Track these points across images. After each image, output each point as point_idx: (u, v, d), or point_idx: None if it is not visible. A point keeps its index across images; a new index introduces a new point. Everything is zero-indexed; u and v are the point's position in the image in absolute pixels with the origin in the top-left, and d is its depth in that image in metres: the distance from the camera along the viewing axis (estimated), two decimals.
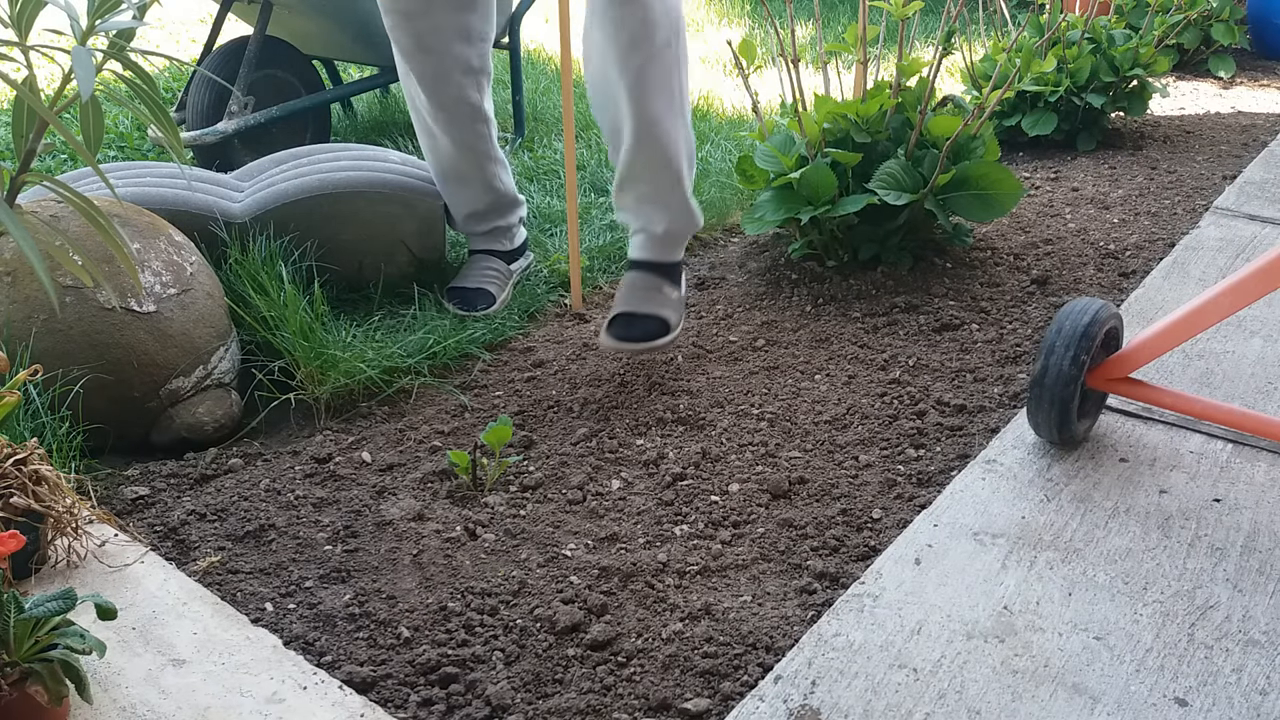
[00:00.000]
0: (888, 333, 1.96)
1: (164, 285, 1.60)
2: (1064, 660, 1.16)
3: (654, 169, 1.75)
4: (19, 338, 1.50)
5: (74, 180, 1.85)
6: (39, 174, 0.97)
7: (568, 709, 1.12)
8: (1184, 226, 2.40)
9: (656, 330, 1.74)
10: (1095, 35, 3.02)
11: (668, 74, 1.66)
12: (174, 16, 4.87)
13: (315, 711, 1.09)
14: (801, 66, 2.34)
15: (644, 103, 1.67)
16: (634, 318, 1.73)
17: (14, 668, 0.99)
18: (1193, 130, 3.20)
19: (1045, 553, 1.33)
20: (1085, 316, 1.46)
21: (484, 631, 1.24)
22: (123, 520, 1.42)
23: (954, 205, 2.12)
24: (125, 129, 3.17)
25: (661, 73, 1.65)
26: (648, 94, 1.66)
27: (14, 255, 1.54)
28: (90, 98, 0.91)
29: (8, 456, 1.22)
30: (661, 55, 1.64)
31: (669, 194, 1.79)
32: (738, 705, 1.12)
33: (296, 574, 1.33)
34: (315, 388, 1.71)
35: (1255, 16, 4.06)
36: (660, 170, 1.75)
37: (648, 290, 1.78)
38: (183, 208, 1.86)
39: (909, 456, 1.58)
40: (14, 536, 0.99)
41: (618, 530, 1.43)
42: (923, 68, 2.15)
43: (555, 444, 1.63)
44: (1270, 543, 1.34)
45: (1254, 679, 1.13)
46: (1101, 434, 1.58)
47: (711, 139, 3.03)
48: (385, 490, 1.51)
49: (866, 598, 1.26)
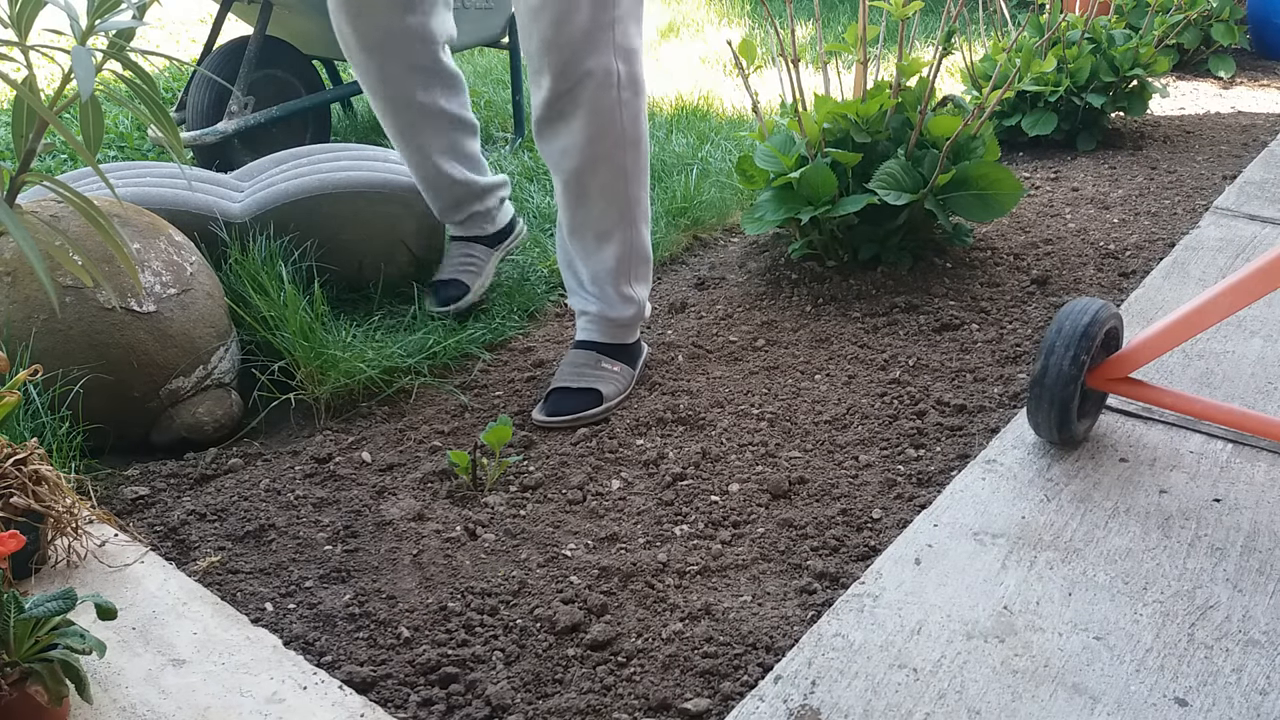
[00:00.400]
0: (888, 333, 1.96)
1: (164, 285, 1.60)
2: (1064, 660, 1.16)
3: (586, 255, 1.73)
4: (19, 338, 1.50)
5: (74, 180, 1.85)
6: (39, 174, 0.97)
7: (568, 709, 1.12)
8: (1184, 226, 2.40)
9: (586, 403, 1.68)
10: (1095, 35, 3.02)
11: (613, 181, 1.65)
12: (174, 16, 4.87)
13: (315, 711, 1.09)
14: (801, 66, 2.34)
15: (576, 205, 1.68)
16: (566, 392, 1.70)
17: (14, 668, 0.99)
18: (1193, 130, 3.20)
19: (1045, 553, 1.33)
20: (1085, 316, 1.46)
21: (484, 631, 1.24)
22: (123, 520, 1.42)
23: (954, 205, 2.12)
24: (125, 129, 3.17)
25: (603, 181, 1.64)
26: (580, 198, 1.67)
27: (14, 255, 1.54)
28: (90, 98, 0.91)
29: (8, 456, 1.22)
30: (602, 165, 1.63)
31: (603, 284, 1.74)
32: (738, 705, 1.12)
33: (296, 574, 1.33)
34: (315, 388, 1.71)
35: (1255, 16, 4.06)
36: (592, 258, 1.72)
37: (582, 366, 1.73)
38: (183, 208, 1.86)
39: (909, 456, 1.58)
40: (14, 536, 0.99)
41: (618, 530, 1.43)
42: (923, 68, 2.16)
43: (555, 444, 1.63)
44: (1270, 543, 1.34)
45: (1254, 679, 1.13)
46: (1101, 434, 1.58)
47: (711, 139, 3.03)
48: (385, 490, 1.51)
49: (866, 598, 1.26)
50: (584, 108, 1.57)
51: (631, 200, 1.68)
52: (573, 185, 1.66)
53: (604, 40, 1.54)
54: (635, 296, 1.76)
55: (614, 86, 1.57)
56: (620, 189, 1.66)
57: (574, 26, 1.52)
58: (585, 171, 1.63)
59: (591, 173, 1.63)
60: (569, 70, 1.54)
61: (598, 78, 1.55)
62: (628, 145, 1.63)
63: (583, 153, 1.61)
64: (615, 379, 1.74)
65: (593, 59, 1.54)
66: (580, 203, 1.67)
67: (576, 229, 1.70)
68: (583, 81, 1.55)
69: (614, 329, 1.77)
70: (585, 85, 1.55)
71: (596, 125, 1.59)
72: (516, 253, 2.26)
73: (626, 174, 1.65)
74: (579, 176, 1.64)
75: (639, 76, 1.61)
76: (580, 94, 1.56)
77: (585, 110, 1.57)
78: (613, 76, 1.56)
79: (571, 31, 1.52)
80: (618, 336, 1.77)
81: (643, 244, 1.74)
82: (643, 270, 1.76)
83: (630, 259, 1.73)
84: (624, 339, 1.78)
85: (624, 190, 1.66)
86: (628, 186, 1.66)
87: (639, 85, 1.61)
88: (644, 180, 1.69)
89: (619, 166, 1.64)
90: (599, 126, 1.59)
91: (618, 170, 1.64)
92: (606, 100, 1.57)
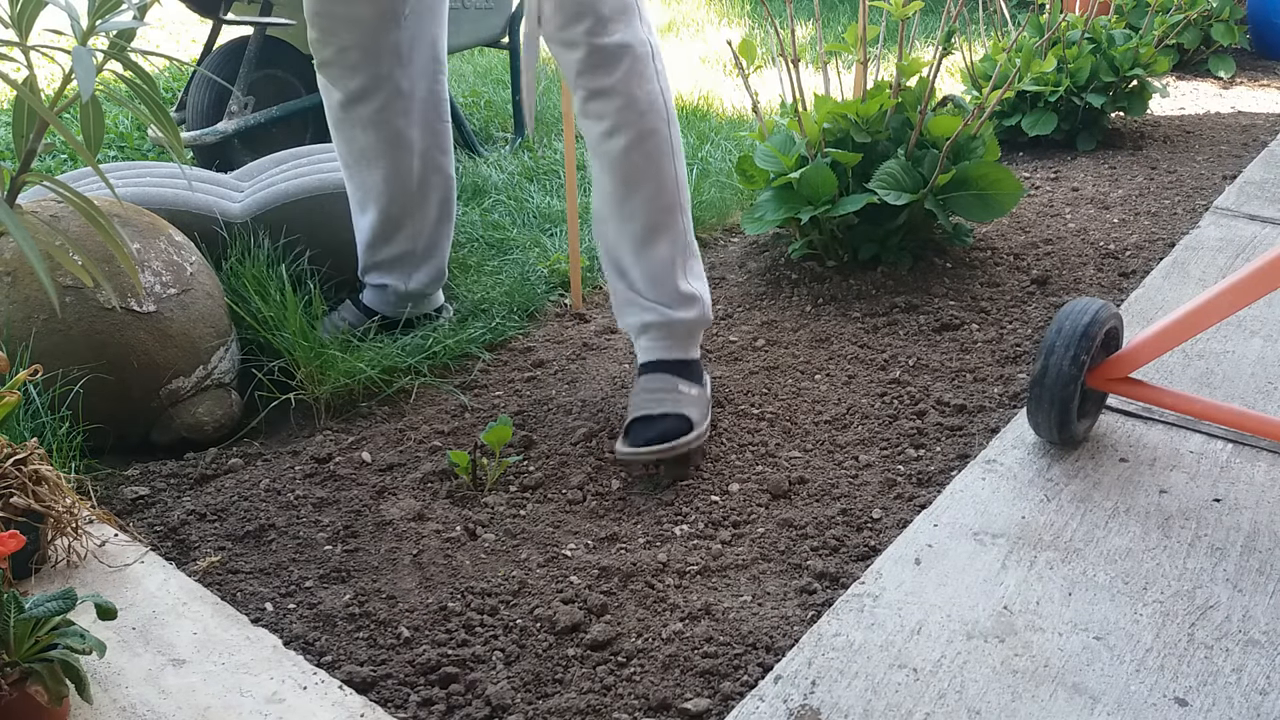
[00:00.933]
0: (888, 333, 1.96)
1: (164, 285, 1.60)
2: (1064, 660, 1.16)
3: (636, 251, 1.60)
4: (19, 338, 1.50)
5: (74, 180, 1.85)
6: (39, 174, 0.97)
7: (568, 709, 1.12)
8: (1184, 226, 2.40)
9: (677, 429, 1.52)
10: (1095, 35, 3.02)
11: (653, 160, 1.56)
12: (174, 16, 4.87)
13: (315, 711, 1.09)
14: (801, 66, 2.33)
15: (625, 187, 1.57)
16: (649, 420, 1.53)
17: (14, 668, 0.99)
18: (1193, 130, 3.20)
19: (1045, 553, 1.33)
20: (1085, 316, 1.46)
21: (484, 631, 1.24)
22: (123, 520, 1.42)
23: (954, 205, 2.12)
24: (125, 129, 3.17)
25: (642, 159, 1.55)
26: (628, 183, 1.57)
27: (14, 255, 1.54)
28: (90, 98, 0.91)
29: (8, 456, 1.22)
30: (643, 142, 1.54)
31: (661, 282, 1.61)
32: (738, 705, 1.12)
33: (296, 574, 1.33)
34: (315, 388, 1.71)
35: (1255, 16, 4.06)
36: (645, 252, 1.60)
37: (658, 391, 1.58)
38: (183, 208, 1.86)
39: (909, 456, 1.58)
40: (14, 536, 0.99)
41: (618, 530, 1.43)
42: (923, 68, 2.16)
43: (555, 444, 1.63)
44: (1270, 543, 1.34)
45: (1254, 679, 1.13)
46: (1101, 434, 1.58)
47: (711, 139, 3.03)
48: (385, 490, 1.51)
49: (866, 598, 1.26)
50: (625, 82, 1.50)
51: (680, 181, 1.59)
52: (621, 166, 1.54)
53: (633, 12, 1.50)
54: (696, 293, 1.63)
55: (650, 58, 1.53)
56: (669, 168, 1.56)
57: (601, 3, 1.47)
58: (633, 149, 1.53)
59: (640, 149, 1.53)
60: (606, 44, 1.48)
61: (635, 50, 1.50)
62: (671, 120, 1.56)
63: (630, 130, 1.52)
64: (697, 403, 1.57)
65: (626, 31, 1.49)
66: (630, 186, 1.55)
67: (626, 219, 1.57)
68: (620, 55, 1.49)
69: (679, 338, 1.63)
70: (623, 58, 1.49)
71: (642, 99, 1.51)
72: (515, 253, 2.26)
73: (673, 150, 1.57)
74: (628, 155, 1.53)
75: (661, 51, 1.57)
76: (617, 68, 1.49)
77: (626, 84, 1.50)
78: (647, 48, 1.52)
79: (600, 7, 1.47)
80: (684, 349, 1.63)
81: (691, 234, 1.63)
82: (695, 266, 1.65)
83: (685, 250, 1.61)
84: (690, 351, 1.64)
85: (672, 170, 1.57)
86: (675, 164, 1.57)
87: (663, 60, 1.57)
88: (683, 159, 1.61)
89: (665, 140, 1.55)
90: (645, 100, 1.52)
91: (664, 145, 1.55)
92: (647, 71, 1.51)
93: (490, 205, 2.52)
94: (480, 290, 2.07)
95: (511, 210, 2.50)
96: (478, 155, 2.93)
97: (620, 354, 1.91)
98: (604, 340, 1.98)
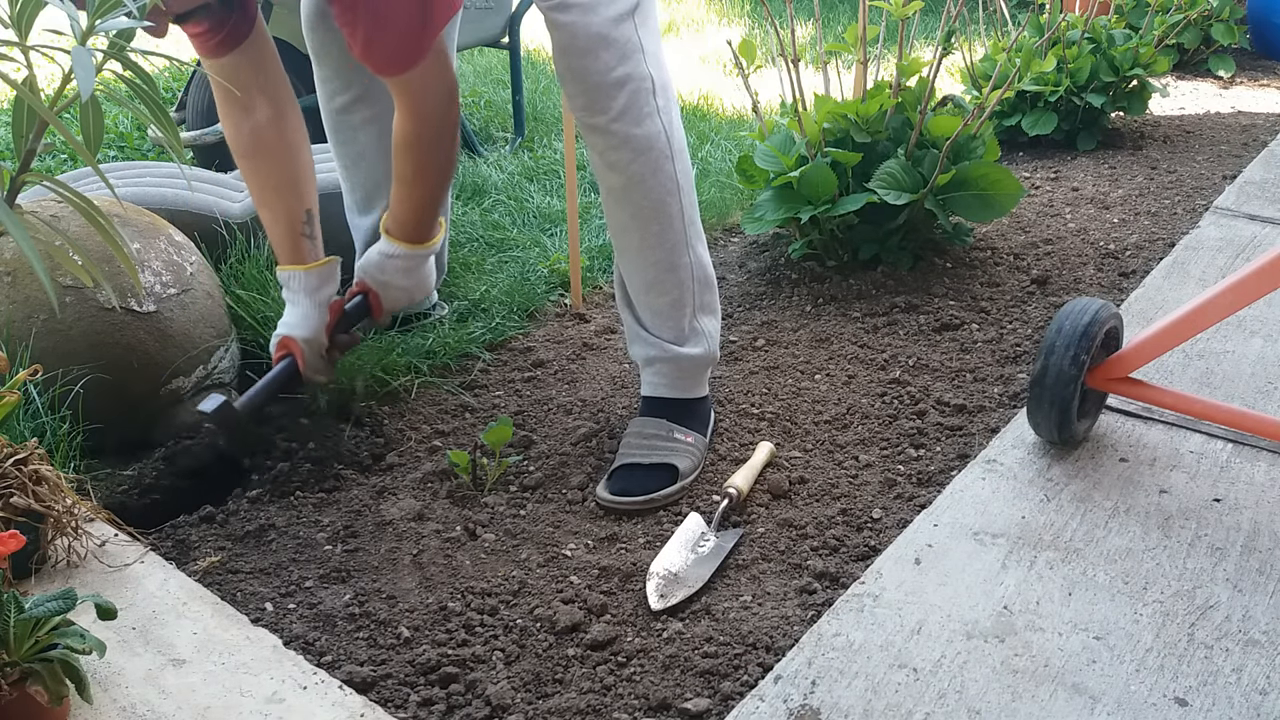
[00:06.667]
0: (888, 333, 1.96)
1: (164, 285, 1.60)
2: (1064, 660, 1.16)
3: (645, 286, 1.57)
4: (19, 338, 1.50)
5: (74, 180, 1.85)
6: (39, 174, 0.97)
7: (568, 709, 1.12)
8: (1184, 226, 2.40)
9: (659, 482, 1.50)
10: (1095, 35, 3.02)
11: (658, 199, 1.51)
12: None
13: (315, 711, 1.09)
14: (801, 66, 2.33)
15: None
16: (635, 469, 1.51)
17: (14, 668, 0.99)
18: (1193, 130, 3.20)
19: (1045, 552, 1.33)
20: (1085, 316, 1.46)
21: (484, 631, 1.24)
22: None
23: (954, 205, 2.12)
24: (125, 129, 3.17)
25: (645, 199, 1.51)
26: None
27: (14, 255, 1.54)
28: (90, 98, 0.91)
29: (8, 456, 1.21)
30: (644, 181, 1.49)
31: (667, 319, 1.58)
32: (738, 705, 1.12)
33: (296, 574, 1.33)
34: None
35: (1255, 16, 4.06)
36: (653, 289, 1.57)
37: (653, 438, 1.55)
38: (183, 208, 1.86)
39: (909, 456, 1.58)
40: (14, 536, 0.99)
41: (618, 530, 1.43)
42: (923, 68, 2.15)
43: (555, 444, 1.63)
44: (1270, 543, 1.34)
45: (1254, 679, 1.13)
46: (1101, 434, 1.58)
47: (711, 139, 3.03)
48: (385, 490, 1.51)
49: (866, 598, 1.26)
50: (621, 120, 1.45)
51: (688, 217, 1.54)
52: (622, 204, 1.52)
53: (631, 46, 1.44)
54: (704, 330, 1.60)
55: (649, 93, 1.47)
56: (673, 206, 1.52)
57: (596, 33, 1.42)
58: (633, 189, 1.50)
59: (640, 189, 1.49)
60: (602, 81, 1.43)
61: (633, 84, 1.44)
62: (676, 155, 1.51)
63: (628, 170, 1.48)
64: (689, 452, 1.55)
65: (625, 66, 1.44)
66: (635, 221, 1.52)
67: (633, 254, 1.55)
68: (615, 91, 1.44)
69: (684, 375, 1.59)
70: (618, 94, 1.44)
71: (639, 138, 1.46)
72: (515, 253, 2.26)
73: (679, 187, 1.52)
74: (628, 194, 1.50)
75: (670, 83, 1.51)
76: (612, 104, 1.44)
77: (621, 122, 1.45)
78: (647, 82, 1.46)
79: (594, 40, 1.42)
80: (688, 387, 1.60)
81: (703, 266, 1.59)
82: (709, 298, 1.60)
83: (694, 285, 1.57)
84: (695, 389, 1.61)
85: (678, 206, 1.52)
86: (681, 200, 1.52)
87: (671, 93, 1.51)
88: (694, 195, 1.56)
89: (669, 178, 1.50)
90: (643, 139, 1.47)
91: (667, 183, 1.50)
92: (646, 107, 1.46)
93: (490, 205, 2.52)
94: (480, 290, 2.07)
95: (511, 210, 2.50)
96: (478, 155, 2.93)
97: (620, 354, 1.91)
98: (604, 340, 1.98)
